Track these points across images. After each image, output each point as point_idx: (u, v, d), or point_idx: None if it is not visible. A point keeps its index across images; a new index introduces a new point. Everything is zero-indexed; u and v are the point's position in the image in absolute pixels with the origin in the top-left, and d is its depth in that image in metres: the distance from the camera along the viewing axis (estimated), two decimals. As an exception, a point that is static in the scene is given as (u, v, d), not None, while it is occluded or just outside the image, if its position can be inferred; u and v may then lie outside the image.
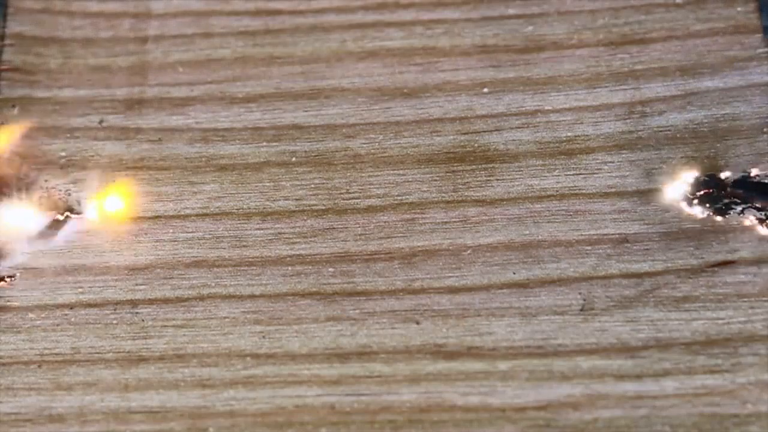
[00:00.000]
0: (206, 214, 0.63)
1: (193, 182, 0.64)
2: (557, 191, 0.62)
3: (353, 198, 0.63)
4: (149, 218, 0.62)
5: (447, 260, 0.61)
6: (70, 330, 0.60)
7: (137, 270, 0.61)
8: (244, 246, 0.62)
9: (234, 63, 0.67)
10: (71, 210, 0.63)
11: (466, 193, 0.62)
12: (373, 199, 0.63)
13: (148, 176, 0.64)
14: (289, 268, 0.61)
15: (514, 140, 0.64)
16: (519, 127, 0.64)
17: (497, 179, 0.63)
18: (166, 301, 0.60)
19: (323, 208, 0.63)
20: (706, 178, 0.62)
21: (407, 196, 0.63)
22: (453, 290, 0.60)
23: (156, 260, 0.61)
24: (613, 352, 0.58)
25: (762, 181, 0.61)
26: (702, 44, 0.66)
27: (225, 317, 0.60)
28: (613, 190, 0.62)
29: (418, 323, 0.59)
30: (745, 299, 0.59)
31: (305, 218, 0.62)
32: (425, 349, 0.58)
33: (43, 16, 0.69)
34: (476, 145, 0.64)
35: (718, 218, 0.61)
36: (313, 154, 0.64)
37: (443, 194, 0.62)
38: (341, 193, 0.63)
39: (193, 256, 0.61)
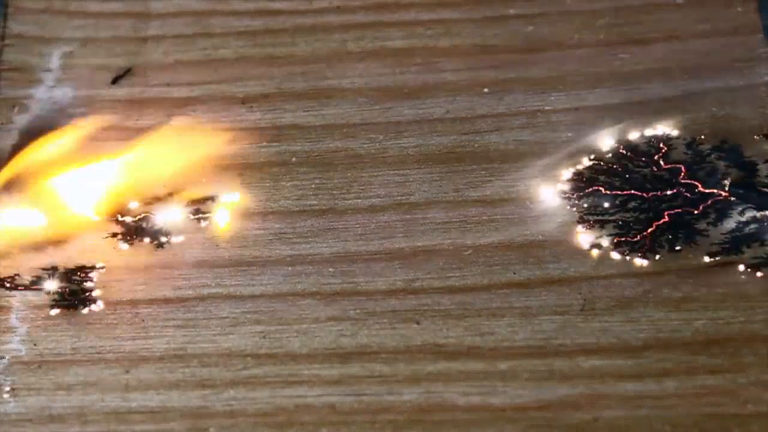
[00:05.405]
0: (207, 214, 0.63)
1: (193, 182, 0.63)
2: (557, 191, 0.62)
3: (353, 198, 0.63)
4: (149, 218, 0.62)
5: (447, 260, 0.61)
6: (70, 330, 0.60)
7: (137, 270, 0.61)
8: (244, 246, 0.62)
9: (234, 63, 0.67)
10: (73, 210, 0.63)
11: (466, 193, 0.62)
12: (374, 199, 0.63)
13: (148, 176, 0.64)
14: (290, 268, 0.61)
15: (514, 140, 0.64)
16: (519, 127, 0.64)
17: (498, 179, 0.63)
18: (166, 301, 0.60)
19: (323, 208, 0.63)
20: (707, 178, 0.62)
21: (408, 196, 0.63)
22: (453, 290, 0.60)
23: (156, 260, 0.61)
24: (613, 351, 0.58)
25: (762, 181, 0.62)
26: (702, 44, 0.66)
27: (225, 317, 0.60)
28: (613, 190, 0.62)
29: (418, 323, 0.59)
30: (745, 299, 0.59)
31: (305, 218, 0.62)
32: (426, 349, 0.58)
33: (43, 16, 0.69)
34: (477, 145, 0.64)
35: (718, 218, 0.61)
36: (313, 154, 0.64)
37: (444, 194, 0.62)
38: (341, 193, 0.63)
39: (194, 256, 0.61)
